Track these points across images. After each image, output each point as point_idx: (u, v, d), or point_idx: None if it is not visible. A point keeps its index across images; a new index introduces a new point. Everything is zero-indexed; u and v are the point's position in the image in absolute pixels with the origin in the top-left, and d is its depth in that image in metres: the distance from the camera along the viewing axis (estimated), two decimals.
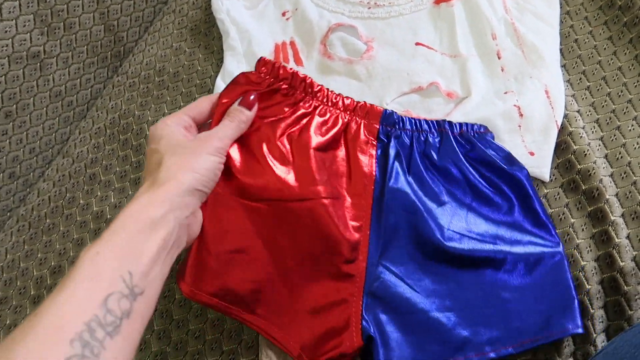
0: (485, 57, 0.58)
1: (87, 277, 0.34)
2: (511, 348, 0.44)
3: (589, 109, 0.55)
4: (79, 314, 0.32)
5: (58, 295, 0.33)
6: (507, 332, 0.44)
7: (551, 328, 0.43)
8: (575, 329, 0.43)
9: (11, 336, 0.32)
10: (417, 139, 0.51)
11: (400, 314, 0.46)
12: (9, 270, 0.57)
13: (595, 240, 0.48)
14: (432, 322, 0.45)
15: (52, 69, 0.62)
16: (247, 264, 0.47)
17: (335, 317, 0.46)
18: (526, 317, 0.44)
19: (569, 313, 0.44)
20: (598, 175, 0.50)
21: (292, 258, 0.47)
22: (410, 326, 0.45)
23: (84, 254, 0.35)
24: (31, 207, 0.61)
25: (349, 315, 0.45)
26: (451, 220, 0.49)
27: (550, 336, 0.43)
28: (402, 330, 0.45)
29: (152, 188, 0.40)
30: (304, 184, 0.47)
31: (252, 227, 0.47)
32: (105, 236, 0.37)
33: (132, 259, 0.36)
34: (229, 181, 0.47)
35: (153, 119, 0.62)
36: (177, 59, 0.66)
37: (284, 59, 0.63)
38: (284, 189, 0.47)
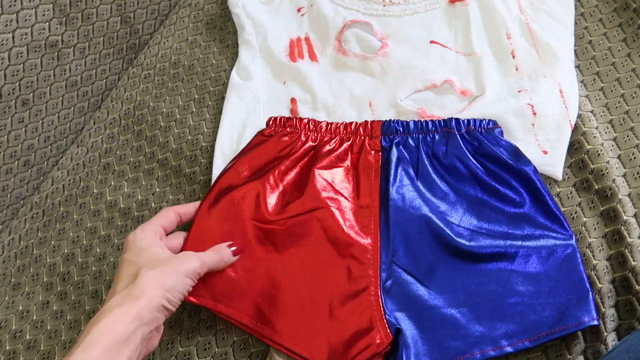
0: (499, 55, 0.59)
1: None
2: (528, 342, 0.44)
3: (603, 109, 0.55)
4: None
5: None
6: (523, 326, 0.44)
7: (567, 321, 0.43)
8: (591, 321, 0.43)
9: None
10: (423, 141, 0.52)
11: (414, 311, 0.46)
12: (22, 257, 0.58)
13: (607, 240, 0.48)
14: (447, 318, 0.45)
15: (69, 59, 0.63)
16: (266, 278, 0.49)
17: (358, 320, 0.46)
18: (541, 310, 0.44)
19: (584, 305, 0.44)
20: (611, 175, 0.50)
21: (308, 268, 0.49)
22: (425, 323, 0.46)
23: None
24: (45, 195, 0.61)
25: (370, 315, 0.46)
26: (462, 217, 0.49)
27: (566, 329, 0.43)
28: (417, 327, 0.46)
29: (126, 301, 0.40)
30: (310, 199, 0.51)
31: (269, 244, 0.50)
32: (77, 353, 0.37)
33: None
34: (247, 209, 0.51)
35: (167, 110, 0.63)
36: (192, 52, 0.67)
37: (299, 54, 0.63)
38: (294, 208, 0.50)
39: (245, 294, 0.48)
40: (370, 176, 0.52)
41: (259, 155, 0.54)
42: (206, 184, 0.58)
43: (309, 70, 0.61)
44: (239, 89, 0.61)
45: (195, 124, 0.61)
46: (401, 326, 0.45)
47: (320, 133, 0.54)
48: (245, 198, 0.52)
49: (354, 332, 0.45)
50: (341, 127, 0.54)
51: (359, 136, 0.54)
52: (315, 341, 0.46)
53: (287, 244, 0.50)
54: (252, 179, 0.53)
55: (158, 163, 0.60)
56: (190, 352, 0.50)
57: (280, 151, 0.54)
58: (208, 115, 0.62)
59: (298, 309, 0.47)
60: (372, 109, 0.58)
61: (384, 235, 0.49)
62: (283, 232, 0.50)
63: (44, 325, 0.54)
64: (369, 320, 0.46)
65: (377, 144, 0.53)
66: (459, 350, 0.45)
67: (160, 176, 0.59)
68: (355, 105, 0.59)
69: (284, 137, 0.54)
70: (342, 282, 0.48)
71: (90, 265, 0.56)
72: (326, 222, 0.50)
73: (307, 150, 0.54)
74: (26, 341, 0.53)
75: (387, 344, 0.45)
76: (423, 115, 0.56)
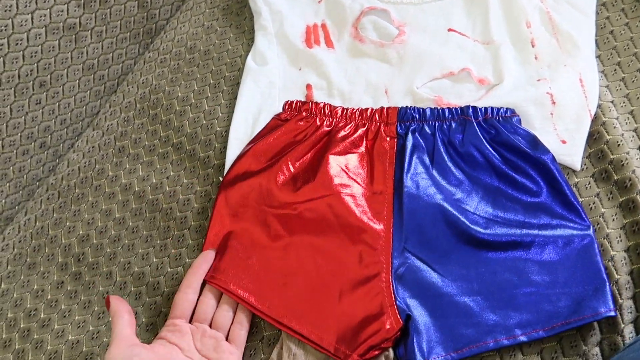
0: (518, 44, 0.58)
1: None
2: (542, 331, 0.43)
3: (623, 100, 0.54)
4: None
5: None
6: (538, 316, 0.44)
7: (583, 311, 0.43)
8: (607, 312, 0.43)
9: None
10: (439, 129, 0.52)
11: (427, 298, 0.46)
12: (38, 237, 0.58)
13: (625, 231, 0.48)
14: (460, 306, 0.45)
15: (86, 42, 0.63)
16: (278, 262, 0.49)
17: (368, 305, 0.46)
18: (556, 300, 0.44)
19: (601, 296, 0.43)
20: (631, 166, 0.49)
21: (319, 253, 0.49)
22: (438, 310, 0.45)
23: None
24: (61, 176, 0.62)
25: (381, 301, 0.46)
26: (477, 205, 0.49)
27: (582, 319, 0.43)
28: (430, 314, 0.45)
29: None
30: (323, 185, 0.50)
31: (282, 229, 0.50)
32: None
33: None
34: (261, 194, 0.51)
35: (183, 95, 0.63)
36: (209, 37, 0.67)
37: (315, 40, 0.63)
38: (306, 193, 0.50)
39: (255, 276, 0.49)
40: (385, 163, 0.52)
41: (275, 140, 0.54)
42: (220, 168, 0.58)
43: (325, 56, 0.61)
44: (254, 74, 0.61)
45: (210, 109, 0.61)
46: (413, 313, 0.45)
47: (335, 118, 0.54)
48: (260, 184, 0.52)
49: (364, 318, 0.45)
50: (357, 112, 0.54)
51: (375, 122, 0.53)
52: (325, 325, 0.46)
53: (299, 229, 0.50)
54: (268, 165, 0.53)
55: (173, 147, 0.60)
56: None
57: (295, 136, 0.54)
58: (223, 100, 0.62)
59: (308, 293, 0.47)
60: (388, 97, 0.58)
61: (397, 222, 0.49)
62: (295, 217, 0.50)
63: (58, 305, 0.54)
64: (380, 306, 0.45)
65: (392, 130, 0.53)
66: (472, 338, 0.44)
67: (175, 160, 0.60)
68: (371, 92, 0.59)
69: (300, 122, 0.54)
70: (354, 267, 0.48)
71: (104, 247, 0.56)
72: (337, 208, 0.50)
73: (322, 135, 0.54)
74: (40, 319, 0.54)
75: (397, 330, 0.44)
76: (439, 103, 0.56)
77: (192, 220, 0.56)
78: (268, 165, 0.53)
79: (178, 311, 0.48)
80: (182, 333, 0.46)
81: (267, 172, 0.52)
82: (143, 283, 0.54)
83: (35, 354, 0.52)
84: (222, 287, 0.48)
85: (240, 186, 0.52)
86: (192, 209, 0.56)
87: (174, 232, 0.55)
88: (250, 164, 0.53)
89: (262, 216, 0.51)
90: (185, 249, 0.54)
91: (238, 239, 0.50)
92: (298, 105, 0.55)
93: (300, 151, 0.53)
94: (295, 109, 0.55)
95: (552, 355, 0.44)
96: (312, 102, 0.55)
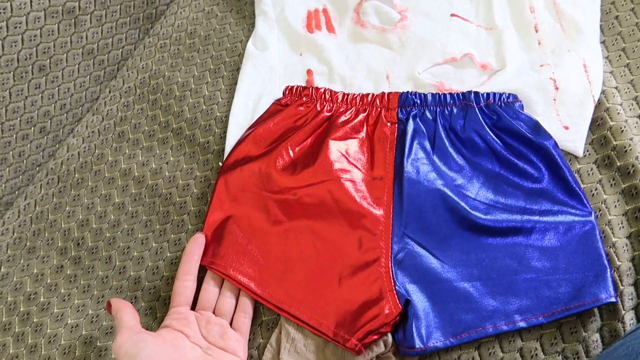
0: (521, 30, 0.57)
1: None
2: (542, 317, 0.43)
3: (628, 86, 0.53)
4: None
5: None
6: (538, 302, 0.43)
7: (583, 297, 0.43)
8: (608, 298, 0.42)
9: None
10: (441, 114, 0.51)
11: (427, 283, 0.46)
12: (38, 222, 0.58)
13: (627, 217, 0.47)
14: (459, 292, 0.45)
15: (85, 26, 0.63)
16: (277, 247, 0.49)
17: (367, 290, 0.46)
18: (557, 286, 0.43)
19: (602, 282, 0.43)
20: (634, 152, 0.49)
21: (318, 238, 0.49)
22: (437, 296, 0.45)
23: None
24: (60, 161, 0.62)
25: (380, 286, 0.45)
26: (478, 191, 0.49)
27: (582, 305, 0.43)
28: (429, 299, 0.45)
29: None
30: (322, 170, 0.50)
31: (281, 214, 0.50)
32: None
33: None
34: (260, 179, 0.51)
35: (182, 80, 0.63)
36: (209, 22, 0.66)
37: (316, 25, 0.62)
38: (306, 178, 0.50)
39: (255, 261, 0.48)
40: (385, 148, 0.51)
41: (275, 125, 0.53)
42: (220, 153, 0.57)
43: (326, 41, 0.61)
44: (255, 59, 0.61)
45: (210, 94, 0.61)
46: (412, 298, 0.45)
47: (336, 103, 0.53)
48: (260, 169, 0.52)
49: (363, 303, 0.45)
50: (357, 98, 0.54)
51: (375, 108, 0.53)
52: (324, 310, 0.46)
53: (298, 214, 0.50)
54: (268, 150, 0.53)
55: (172, 132, 0.60)
56: None
57: (295, 121, 0.53)
58: (223, 86, 0.61)
59: (307, 278, 0.47)
60: (390, 82, 0.58)
61: (397, 208, 0.49)
62: (295, 202, 0.50)
63: (58, 289, 0.54)
64: (379, 291, 0.45)
65: (393, 115, 0.52)
66: (471, 324, 0.44)
67: (175, 145, 0.59)
68: (373, 78, 0.58)
69: (300, 107, 0.54)
70: (353, 252, 0.47)
71: (104, 232, 0.56)
72: (337, 193, 0.49)
73: (322, 120, 0.53)
74: (40, 303, 0.54)
75: (395, 315, 0.44)
76: (441, 89, 0.55)
77: (191, 205, 0.55)
78: (268, 151, 0.52)
79: (181, 299, 0.47)
80: (188, 320, 0.46)
81: (267, 157, 0.52)
82: (142, 267, 0.53)
83: (35, 337, 0.52)
84: (221, 272, 0.48)
85: (240, 171, 0.52)
86: (192, 194, 0.56)
87: (173, 217, 0.55)
88: (250, 149, 0.53)
89: (261, 201, 0.51)
90: (185, 234, 0.54)
91: (237, 224, 0.50)
92: (299, 90, 0.55)
93: (300, 136, 0.52)
94: (295, 94, 0.55)
95: (551, 341, 0.44)
96: (313, 87, 0.55)
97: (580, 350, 0.44)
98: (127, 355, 0.41)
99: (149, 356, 0.41)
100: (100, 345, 0.51)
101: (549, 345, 0.44)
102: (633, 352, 0.35)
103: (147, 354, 0.41)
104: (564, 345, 0.44)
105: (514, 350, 0.44)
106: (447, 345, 0.44)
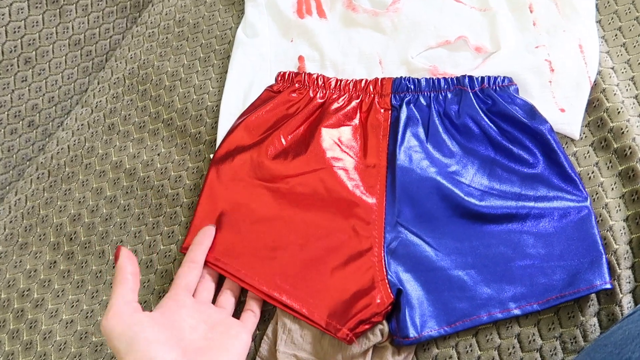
0: (516, 11, 0.56)
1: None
2: (536, 305, 0.43)
3: (624, 66, 0.52)
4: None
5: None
6: (532, 289, 0.43)
7: (578, 284, 0.42)
8: (603, 285, 0.42)
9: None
10: (435, 99, 0.50)
11: (420, 272, 0.45)
12: (29, 217, 0.58)
13: (625, 200, 0.47)
14: (454, 280, 0.44)
15: (71, 16, 0.61)
16: (269, 236, 0.48)
17: (359, 279, 0.45)
18: (551, 273, 0.43)
19: (597, 268, 0.42)
20: (631, 134, 0.48)
21: (311, 227, 0.48)
22: (431, 284, 0.45)
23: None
24: (50, 155, 0.61)
25: (372, 275, 0.45)
26: (473, 177, 0.48)
27: (577, 292, 0.42)
28: (423, 288, 0.45)
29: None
30: (315, 158, 0.49)
31: (274, 203, 0.49)
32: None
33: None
34: (252, 168, 0.50)
35: (172, 69, 0.61)
36: (197, 9, 0.65)
37: (307, 10, 0.61)
38: (298, 166, 0.49)
39: (247, 251, 0.48)
40: (379, 135, 0.50)
41: (267, 112, 0.52)
42: (212, 144, 0.56)
43: (317, 27, 0.59)
44: (245, 47, 0.59)
45: (200, 83, 0.60)
46: (405, 287, 0.44)
47: (329, 90, 0.52)
48: (252, 157, 0.51)
49: (355, 292, 0.45)
50: (350, 84, 0.53)
51: (369, 94, 0.52)
52: (316, 300, 0.45)
53: (291, 203, 0.49)
54: (260, 139, 0.52)
55: (163, 123, 0.59)
56: None
57: (288, 108, 0.52)
58: (213, 75, 0.60)
59: (300, 267, 0.47)
60: (382, 67, 0.57)
61: (390, 196, 0.48)
62: (287, 191, 0.49)
63: (51, 284, 0.54)
64: (371, 281, 0.45)
65: (387, 102, 0.51)
66: (466, 312, 0.44)
67: (166, 136, 0.58)
68: (365, 63, 0.57)
69: (292, 94, 0.53)
70: (346, 242, 0.47)
71: (96, 226, 0.55)
72: (329, 182, 0.49)
73: (315, 107, 0.52)
74: (34, 299, 0.53)
75: (387, 304, 0.44)
76: (435, 73, 0.54)
77: (184, 197, 0.55)
78: (260, 139, 0.52)
79: (182, 282, 0.45)
80: (186, 304, 0.43)
81: (259, 145, 0.51)
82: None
83: (30, 334, 0.52)
84: (211, 263, 0.48)
85: (232, 160, 0.51)
86: (184, 186, 0.55)
87: (166, 210, 0.55)
88: (243, 138, 0.52)
89: (253, 190, 0.50)
90: (178, 226, 0.54)
91: (229, 214, 0.50)
92: (291, 76, 0.54)
93: (292, 124, 0.52)
94: (288, 80, 0.54)
95: (549, 327, 0.44)
96: (305, 73, 0.53)
97: (578, 334, 0.43)
98: (121, 338, 0.37)
99: (146, 339, 0.37)
100: (95, 341, 0.50)
101: (546, 330, 0.44)
102: (630, 337, 0.35)
103: (145, 337, 0.37)
104: (561, 330, 0.44)
105: (512, 337, 0.44)
106: (441, 334, 0.43)
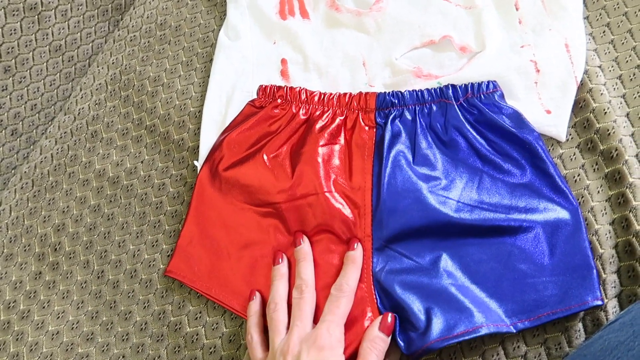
0: (502, 8, 0.55)
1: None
2: (527, 322, 0.42)
3: (612, 64, 0.51)
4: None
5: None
6: (523, 305, 0.42)
7: (569, 301, 0.42)
8: (594, 301, 0.41)
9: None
10: (420, 112, 0.49)
11: (413, 291, 0.45)
12: (14, 228, 0.57)
13: (611, 203, 0.46)
14: (445, 296, 0.44)
15: (50, 22, 0.60)
16: (255, 261, 0.48)
17: (351, 311, 0.45)
18: (543, 288, 0.42)
19: (588, 284, 0.42)
20: (618, 135, 0.47)
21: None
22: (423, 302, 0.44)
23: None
24: (34, 164, 0.60)
25: (363, 303, 0.45)
26: (461, 193, 0.47)
27: (568, 309, 0.42)
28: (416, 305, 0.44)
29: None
30: (302, 184, 0.48)
31: (259, 227, 0.49)
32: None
33: None
34: (242, 193, 0.50)
35: (154, 74, 0.61)
36: (179, 11, 0.64)
37: (289, 11, 0.60)
38: (285, 192, 0.49)
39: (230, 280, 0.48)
40: (364, 156, 0.49)
41: (249, 129, 0.51)
42: (194, 150, 0.56)
43: (300, 28, 0.58)
44: (227, 50, 0.59)
45: (183, 88, 0.59)
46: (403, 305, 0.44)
47: (312, 105, 0.51)
48: (236, 178, 0.50)
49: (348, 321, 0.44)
50: (334, 98, 0.51)
51: (353, 110, 0.51)
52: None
53: (277, 229, 0.49)
54: (243, 157, 0.51)
55: (146, 130, 0.58)
56: (182, 321, 0.49)
57: (270, 125, 0.51)
58: (196, 79, 0.59)
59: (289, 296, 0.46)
60: (366, 69, 0.56)
61: (377, 219, 0.47)
62: (274, 216, 0.49)
63: (37, 295, 0.54)
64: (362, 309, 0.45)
65: (371, 118, 0.50)
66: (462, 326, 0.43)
67: (149, 143, 0.58)
68: (349, 64, 0.56)
69: (275, 110, 0.52)
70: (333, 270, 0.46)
71: (81, 236, 0.55)
72: (318, 209, 0.48)
73: (298, 124, 0.51)
74: (20, 311, 0.53)
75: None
76: (419, 74, 0.53)
77: (167, 205, 0.54)
78: (243, 158, 0.51)
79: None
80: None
81: (242, 166, 0.50)
82: (120, 271, 0.53)
83: (17, 346, 0.52)
84: (196, 288, 0.49)
85: (216, 182, 0.51)
86: (168, 194, 0.55)
87: (150, 218, 0.54)
88: (225, 156, 0.51)
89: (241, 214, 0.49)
90: (162, 235, 0.53)
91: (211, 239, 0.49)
92: (272, 90, 0.52)
93: (276, 144, 0.50)
94: (270, 95, 0.52)
95: (534, 333, 0.44)
96: (288, 87, 0.52)
97: (562, 340, 0.43)
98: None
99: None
100: (81, 352, 0.50)
101: (531, 336, 0.44)
102: (609, 348, 0.34)
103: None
104: (546, 336, 0.43)
105: (496, 344, 0.44)
106: (439, 346, 0.43)
